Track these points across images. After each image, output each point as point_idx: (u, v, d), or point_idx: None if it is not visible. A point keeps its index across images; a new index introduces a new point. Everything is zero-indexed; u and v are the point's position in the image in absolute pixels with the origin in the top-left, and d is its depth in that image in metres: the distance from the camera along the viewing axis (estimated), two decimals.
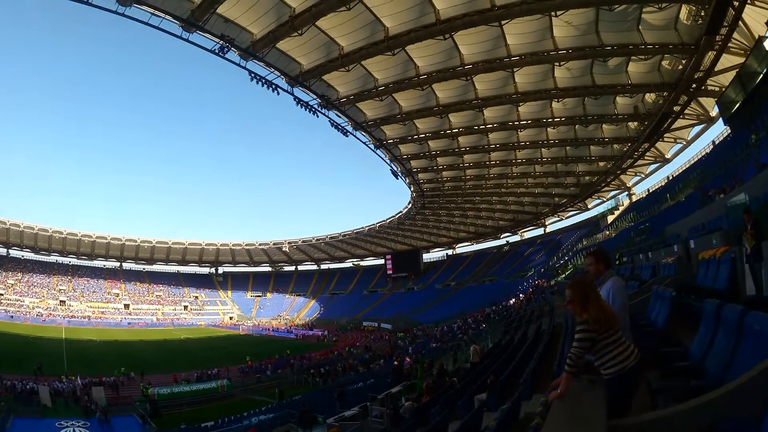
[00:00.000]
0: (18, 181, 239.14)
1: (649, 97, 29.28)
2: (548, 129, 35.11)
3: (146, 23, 22.74)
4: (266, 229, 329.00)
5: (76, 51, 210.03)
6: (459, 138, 36.75)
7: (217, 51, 25.13)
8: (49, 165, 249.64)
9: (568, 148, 38.56)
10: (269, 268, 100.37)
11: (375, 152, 38.39)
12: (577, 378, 3.14)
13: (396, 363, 23.20)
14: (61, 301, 76.39)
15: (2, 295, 71.30)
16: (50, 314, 70.16)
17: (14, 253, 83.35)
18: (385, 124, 34.90)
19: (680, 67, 24.73)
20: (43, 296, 76.47)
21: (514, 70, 26.80)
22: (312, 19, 22.86)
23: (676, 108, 28.75)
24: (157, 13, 22.60)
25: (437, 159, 41.33)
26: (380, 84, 29.19)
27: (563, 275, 36.30)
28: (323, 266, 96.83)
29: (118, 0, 20.98)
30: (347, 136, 34.97)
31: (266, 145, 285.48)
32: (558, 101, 29.74)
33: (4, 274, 78.22)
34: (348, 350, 45.29)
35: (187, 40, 24.16)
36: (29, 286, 78.57)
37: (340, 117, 33.64)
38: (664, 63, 25.72)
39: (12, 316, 64.13)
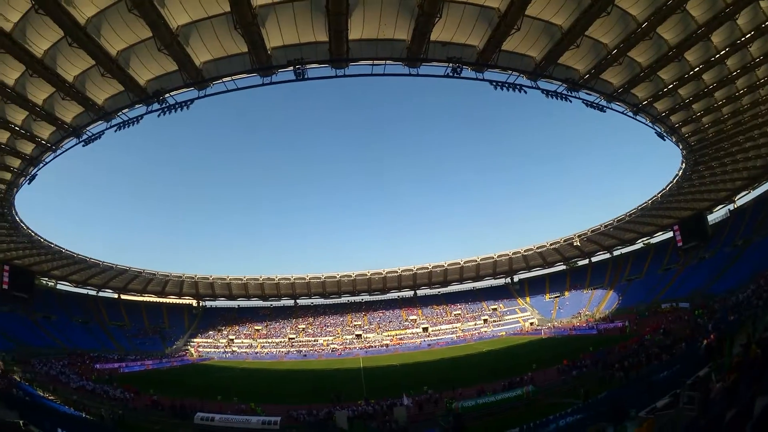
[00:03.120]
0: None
1: None
2: None
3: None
4: (554, 229, 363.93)
5: None
6: (703, 76, 40.41)
7: (450, 74, 33.42)
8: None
9: None
10: (563, 267, 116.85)
11: (635, 118, 45.35)
12: None
13: (701, 344, 25.94)
14: (356, 335, 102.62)
15: (294, 338, 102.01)
16: (346, 347, 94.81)
17: (302, 302, 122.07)
18: (633, 87, 40.48)
19: None
20: (338, 333, 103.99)
21: None
22: (520, 12, 28.67)
23: None
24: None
25: (692, 107, 45.96)
26: (611, 48, 34.75)
27: None
28: (615, 252, 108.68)
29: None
30: (604, 111, 41.65)
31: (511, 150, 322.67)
32: None
33: (294, 321, 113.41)
34: (649, 338, 49.29)
35: (416, 74, 34.39)
36: (321, 327, 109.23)
37: (590, 95, 40.11)
38: None
39: (305, 355, 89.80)
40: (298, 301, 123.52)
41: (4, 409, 24.20)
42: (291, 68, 31.78)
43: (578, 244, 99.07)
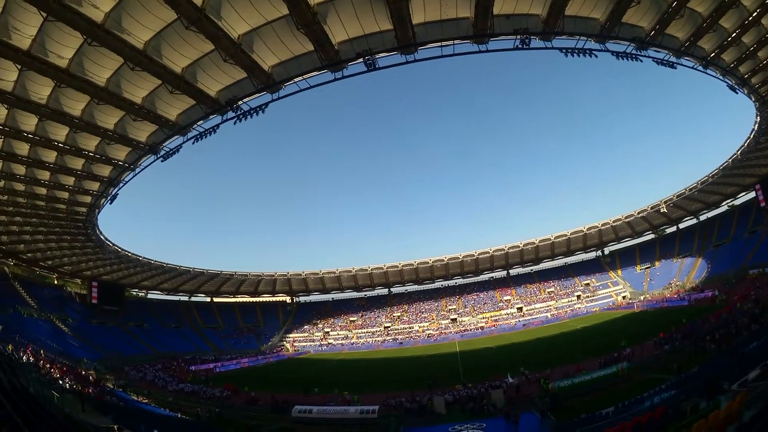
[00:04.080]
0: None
1: None
2: None
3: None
4: (639, 198, 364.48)
5: None
6: (761, 21, 39.92)
7: (519, 46, 34.23)
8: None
9: None
10: (652, 235, 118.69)
11: (705, 72, 46.49)
12: None
13: None
14: (452, 319, 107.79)
15: (389, 327, 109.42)
16: (441, 332, 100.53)
17: (396, 290, 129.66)
18: (699, 39, 40.97)
19: None
20: (433, 319, 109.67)
21: None
22: None
23: None
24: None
25: (758, 55, 45.88)
26: (670, 0, 35.25)
27: None
28: (702, 217, 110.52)
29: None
30: (675, 68, 42.89)
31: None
32: None
33: (389, 309, 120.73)
34: (738, 306, 49.65)
35: (486, 51, 35.04)
36: (416, 313, 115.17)
37: (658, 52, 40.99)
38: None
39: (401, 343, 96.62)
40: (391, 289, 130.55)
41: (99, 415, 28.82)
42: (361, 60, 33.58)
43: (665, 210, 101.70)
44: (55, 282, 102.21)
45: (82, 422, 20.28)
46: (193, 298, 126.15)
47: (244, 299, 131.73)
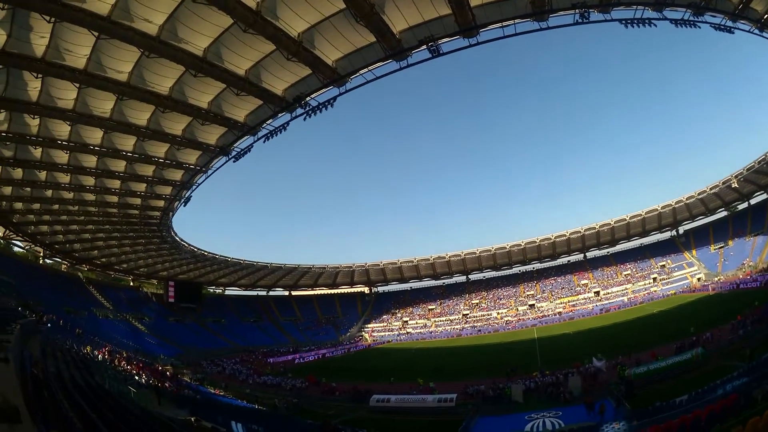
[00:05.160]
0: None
1: None
2: None
3: None
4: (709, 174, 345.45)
5: None
6: None
7: (579, 20, 33.84)
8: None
9: None
10: (725, 212, 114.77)
11: (761, 35, 44.13)
12: None
13: None
14: (530, 305, 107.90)
15: (467, 314, 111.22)
16: (519, 319, 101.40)
17: (474, 276, 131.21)
18: (750, 1, 38.70)
19: None
20: (511, 305, 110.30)
21: None
22: None
23: None
24: None
25: None
26: None
27: None
28: None
29: None
30: (732, 33, 41.33)
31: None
32: None
33: (467, 296, 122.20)
34: None
35: (547, 28, 34.48)
36: (495, 300, 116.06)
37: (714, 16, 39.60)
38: None
39: (479, 330, 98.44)
40: (470, 276, 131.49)
41: (176, 408, 30.84)
42: (424, 47, 34.10)
43: (736, 185, 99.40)
44: (131, 284, 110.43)
45: (158, 415, 21.63)
46: (271, 293, 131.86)
47: (323, 291, 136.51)
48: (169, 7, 27.68)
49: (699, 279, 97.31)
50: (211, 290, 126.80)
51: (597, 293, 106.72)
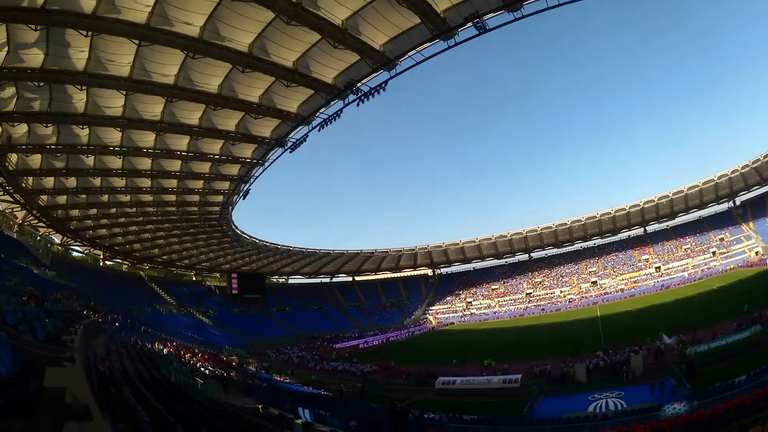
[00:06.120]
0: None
1: None
2: None
3: None
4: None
5: None
6: None
7: None
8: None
9: None
10: None
11: None
12: None
13: None
14: (592, 282, 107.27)
15: (531, 293, 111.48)
16: (582, 297, 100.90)
17: (536, 254, 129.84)
18: None
19: None
20: (573, 283, 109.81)
21: None
22: None
23: None
24: None
25: None
26: None
27: None
28: None
29: None
30: None
31: None
32: None
33: (530, 275, 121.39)
34: None
35: None
36: (557, 278, 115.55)
37: None
38: None
39: (543, 309, 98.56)
40: (532, 254, 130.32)
41: (242, 397, 32.13)
42: (470, 24, 33.37)
43: None
44: (194, 278, 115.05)
45: (226, 404, 22.63)
46: (335, 279, 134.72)
47: (386, 275, 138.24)
48: (208, 8, 28.39)
49: (757, 253, 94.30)
50: (275, 280, 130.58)
51: (658, 269, 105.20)
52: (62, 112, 36.85)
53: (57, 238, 74.89)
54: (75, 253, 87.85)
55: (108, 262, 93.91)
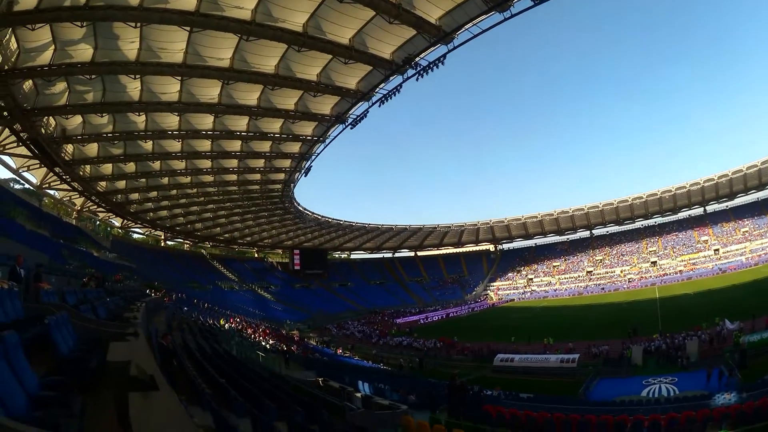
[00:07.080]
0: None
1: None
2: None
3: None
4: None
5: None
6: None
7: None
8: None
9: None
10: None
11: None
12: None
13: None
14: (652, 262, 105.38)
15: (592, 272, 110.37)
16: (642, 277, 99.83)
17: (597, 231, 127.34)
18: None
19: None
20: (633, 262, 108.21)
21: None
22: None
23: None
24: None
25: None
26: None
27: None
28: None
29: None
30: None
31: None
32: None
33: (591, 252, 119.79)
34: None
35: None
36: (618, 256, 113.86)
37: None
38: None
39: (603, 288, 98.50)
40: (593, 231, 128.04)
41: (303, 370, 32.99)
42: None
43: None
44: (255, 255, 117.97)
45: (287, 377, 23.36)
46: (397, 254, 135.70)
47: (448, 251, 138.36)
48: None
49: None
50: (337, 255, 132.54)
51: (716, 251, 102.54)
52: (117, 101, 38.45)
53: (117, 222, 77.95)
54: (135, 235, 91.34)
55: (169, 243, 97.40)
